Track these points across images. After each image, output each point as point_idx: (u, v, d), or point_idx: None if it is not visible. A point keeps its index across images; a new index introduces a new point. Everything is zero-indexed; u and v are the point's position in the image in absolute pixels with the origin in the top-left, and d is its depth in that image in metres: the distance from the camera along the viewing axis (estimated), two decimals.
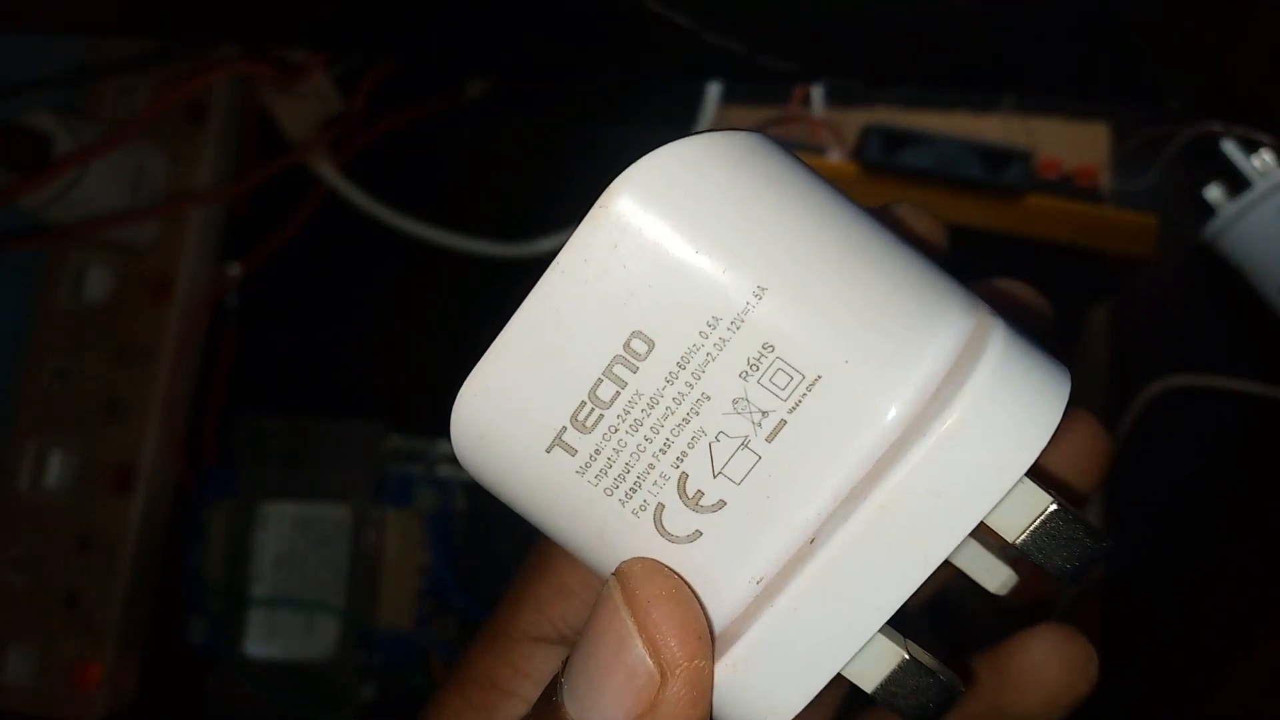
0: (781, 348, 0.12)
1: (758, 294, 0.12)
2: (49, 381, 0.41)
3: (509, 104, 0.45)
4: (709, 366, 0.12)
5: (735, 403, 0.12)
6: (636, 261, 0.12)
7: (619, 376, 0.13)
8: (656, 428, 0.13)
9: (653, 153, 0.12)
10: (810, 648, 0.12)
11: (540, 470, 0.13)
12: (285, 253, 0.44)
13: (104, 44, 0.43)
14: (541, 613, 0.16)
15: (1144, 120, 0.40)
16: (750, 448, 0.13)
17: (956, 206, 0.34)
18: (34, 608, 0.39)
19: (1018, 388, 0.12)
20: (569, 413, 0.13)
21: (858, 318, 0.12)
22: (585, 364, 0.13)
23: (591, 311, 0.13)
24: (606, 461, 0.13)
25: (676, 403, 0.13)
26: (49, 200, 0.37)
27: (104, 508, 0.39)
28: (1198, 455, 0.40)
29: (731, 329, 0.12)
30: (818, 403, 0.12)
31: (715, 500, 0.13)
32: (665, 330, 0.12)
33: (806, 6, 0.27)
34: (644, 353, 0.12)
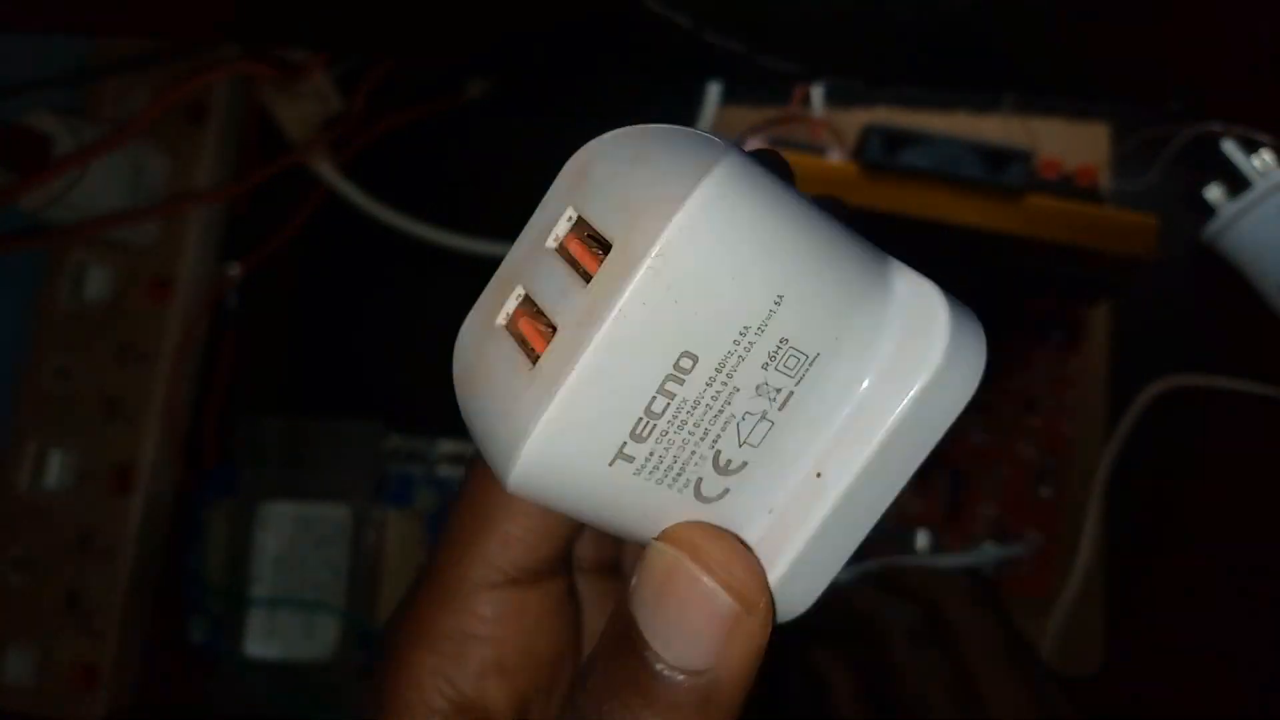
0: (794, 339, 0.15)
1: (777, 302, 0.14)
2: (49, 381, 0.41)
3: (509, 104, 0.45)
4: (740, 366, 0.14)
5: (758, 388, 0.15)
6: (687, 299, 0.14)
7: (669, 391, 0.14)
8: (698, 423, 0.15)
9: (694, 204, 0.13)
10: (830, 552, 0.16)
11: (603, 482, 0.15)
12: (285, 253, 0.44)
13: (104, 44, 0.43)
14: (491, 564, 0.18)
15: (1144, 120, 0.40)
16: (767, 418, 0.15)
17: (956, 206, 0.34)
18: (34, 608, 0.39)
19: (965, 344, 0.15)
20: (628, 430, 0.14)
21: (843, 303, 0.15)
22: (642, 388, 0.14)
23: (648, 346, 0.14)
24: (658, 460, 0.15)
25: (714, 399, 0.15)
26: (49, 200, 0.37)
27: (104, 508, 0.39)
28: (1198, 455, 0.40)
29: (758, 333, 0.14)
30: (818, 372, 0.15)
31: (740, 463, 0.15)
32: (707, 346, 0.14)
33: (807, 6, 0.27)
34: (690, 367, 0.14)
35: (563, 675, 0.19)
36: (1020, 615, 0.38)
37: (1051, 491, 0.39)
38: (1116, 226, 0.34)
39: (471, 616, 0.18)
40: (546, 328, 0.15)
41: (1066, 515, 0.39)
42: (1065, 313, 0.39)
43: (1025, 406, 0.40)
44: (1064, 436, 0.39)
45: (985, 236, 0.35)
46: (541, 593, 0.19)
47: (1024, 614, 0.38)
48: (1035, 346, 0.40)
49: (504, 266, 0.17)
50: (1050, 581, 0.39)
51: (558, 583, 0.19)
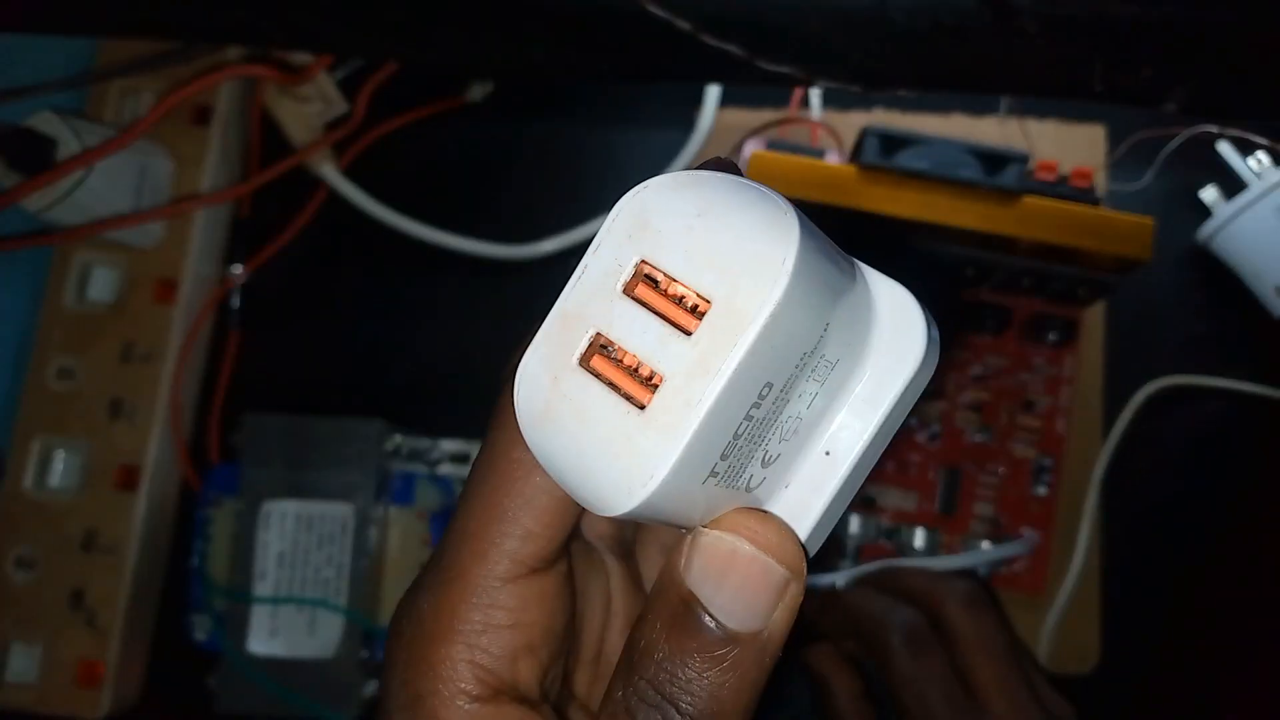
0: (829, 353, 0.17)
1: (826, 329, 0.16)
2: (54, 381, 0.41)
3: (510, 107, 0.45)
4: (796, 384, 0.17)
5: (800, 396, 0.17)
6: (780, 346, 0.16)
7: (751, 416, 0.16)
8: (762, 434, 0.17)
9: (788, 269, 0.15)
10: (835, 511, 0.18)
11: (693, 496, 0.17)
12: (288, 253, 0.44)
13: (108, 46, 0.43)
14: (514, 559, 0.19)
15: (1140, 122, 0.40)
16: (800, 417, 0.17)
17: (953, 208, 0.35)
18: (38, 606, 0.39)
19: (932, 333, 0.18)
20: (720, 453, 0.16)
21: (853, 315, 0.17)
22: (735, 420, 0.16)
23: (746, 388, 0.16)
24: (731, 469, 0.17)
25: (775, 414, 0.17)
26: (54, 201, 0.37)
27: (108, 506, 0.40)
28: (1193, 455, 0.41)
29: (811, 356, 0.16)
30: (837, 374, 0.17)
31: (777, 456, 0.18)
32: (780, 374, 0.16)
33: (807, 9, 0.27)
34: (767, 393, 0.16)
35: (569, 641, 0.21)
36: (1017, 613, 0.38)
37: (1048, 490, 0.39)
38: (1113, 228, 0.35)
39: (498, 610, 0.19)
40: (638, 372, 0.16)
41: (1063, 514, 0.39)
42: (1061, 313, 0.40)
43: (1022, 406, 0.40)
44: (1060, 436, 0.40)
45: (982, 238, 0.35)
46: (555, 574, 0.20)
47: (1020, 612, 0.39)
48: (1032, 347, 0.40)
49: (567, 306, 0.17)
50: (1047, 580, 0.39)
51: (564, 561, 0.21)
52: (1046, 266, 0.37)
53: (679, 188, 0.17)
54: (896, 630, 0.33)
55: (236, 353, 0.43)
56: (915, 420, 0.40)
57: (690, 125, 0.43)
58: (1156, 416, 0.40)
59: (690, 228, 0.16)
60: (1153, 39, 0.27)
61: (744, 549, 0.17)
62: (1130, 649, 0.39)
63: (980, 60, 0.28)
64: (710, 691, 0.17)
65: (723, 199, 0.16)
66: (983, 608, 0.34)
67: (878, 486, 0.40)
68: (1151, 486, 0.40)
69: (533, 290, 0.43)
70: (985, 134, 0.42)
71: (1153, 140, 0.40)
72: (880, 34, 0.27)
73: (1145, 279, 0.41)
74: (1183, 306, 0.42)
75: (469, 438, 0.42)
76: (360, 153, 0.44)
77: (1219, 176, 0.41)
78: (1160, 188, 0.42)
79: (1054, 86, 0.30)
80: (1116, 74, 0.28)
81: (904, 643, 0.32)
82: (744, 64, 0.28)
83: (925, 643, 0.33)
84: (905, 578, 0.35)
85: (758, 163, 0.35)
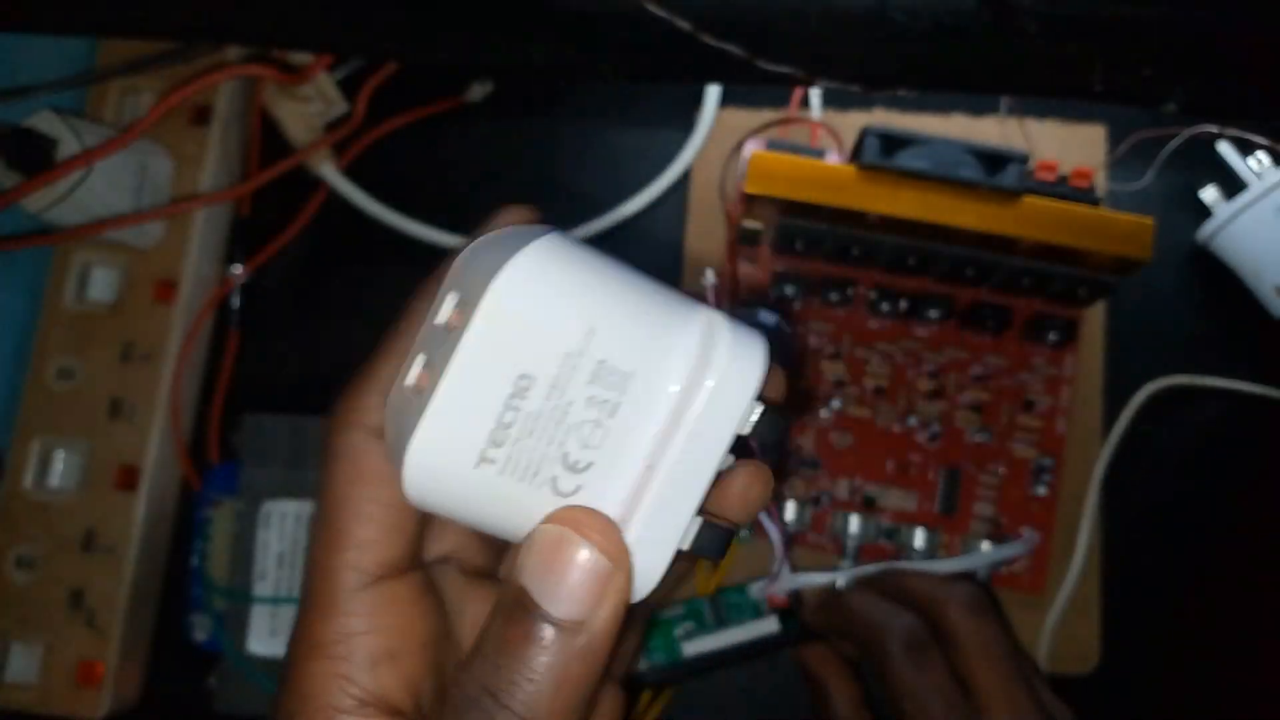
0: (610, 360, 0.19)
1: (591, 332, 0.19)
2: (54, 381, 0.41)
3: (510, 107, 0.45)
4: (569, 383, 0.19)
5: (588, 400, 0.19)
6: (513, 336, 0.18)
7: (515, 405, 0.19)
8: (544, 430, 0.19)
9: (510, 267, 0.18)
10: (665, 528, 0.20)
11: (474, 483, 0.19)
12: (288, 253, 0.44)
13: (108, 46, 0.43)
14: (355, 569, 0.21)
15: (1140, 122, 0.40)
16: (602, 425, 0.19)
17: (953, 208, 0.35)
18: (38, 606, 0.39)
19: (743, 355, 0.20)
20: (486, 437, 0.19)
21: (647, 334, 0.19)
22: (492, 405, 0.18)
23: (490, 371, 0.18)
24: (515, 462, 0.19)
25: (554, 410, 0.19)
26: (53, 201, 0.37)
27: (108, 506, 0.40)
28: (1193, 455, 0.41)
29: (579, 356, 0.19)
30: (638, 385, 0.19)
31: (586, 463, 0.19)
32: (539, 368, 0.19)
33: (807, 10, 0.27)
34: (528, 386, 0.19)
35: (440, 656, 0.22)
36: (1016, 613, 0.38)
37: (1048, 490, 0.39)
38: (1113, 228, 0.35)
39: (350, 618, 0.20)
40: (426, 368, 0.19)
41: (1063, 514, 0.39)
42: (1062, 313, 0.40)
43: (1022, 406, 0.40)
44: (1060, 436, 0.40)
45: (982, 238, 0.35)
46: (405, 583, 0.21)
47: (1020, 612, 0.39)
48: (1032, 347, 0.40)
49: (414, 346, 0.21)
50: (1046, 580, 0.39)
51: (417, 574, 0.22)
52: (1046, 266, 0.37)
53: (485, 240, 0.21)
54: (896, 637, 0.33)
55: (236, 353, 0.43)
56: (915, 420, 0.40)
57: (690, 125, 0.43)
58: (1157, 416, 0.40)
59: (471, 263, 0.20)
60: (1153, 39, 0.27)
61: (570, 537, 0.19)
62: (1130, 649, 0.39)
63: (980, 60, 0.28)
64: (535, 684, 0.18)
65: (503, 239, 0.20)
66: (985, 613, 0.33)
67: (878, 486, 0.40)
68: (1152, 486, 0.40)
69: None
70: (985, 134, 0.42)
71: (1153, 140, 0.40)
72: (880, 34, 0.27)
73: (1145, 279, 0.41)
74: (1183, 306, 0.42)
75: None
76: (360, 153, 0.44)
77: (1219, 176, 0.41)
78: (1160, 188, 0.42)
79: (1054, 86, 0.30)
80: (1116, 74, 0.28)
81: (903, 650, 0.32)
82: (744, 64, 0.28)
83: (925, 650, 0.33)
84: (906, 581, 0.35)
85: (758, 163, 0.35)
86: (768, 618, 0.38)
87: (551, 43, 0.29)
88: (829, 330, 0.41)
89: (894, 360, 0.40)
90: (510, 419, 0.18)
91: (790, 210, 0.36)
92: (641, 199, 0.43)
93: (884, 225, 0.36)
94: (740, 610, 0.38)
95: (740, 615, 0.38)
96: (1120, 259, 0.35)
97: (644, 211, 0.43)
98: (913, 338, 0.40)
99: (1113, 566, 0.39)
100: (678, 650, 0.37)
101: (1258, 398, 0.40)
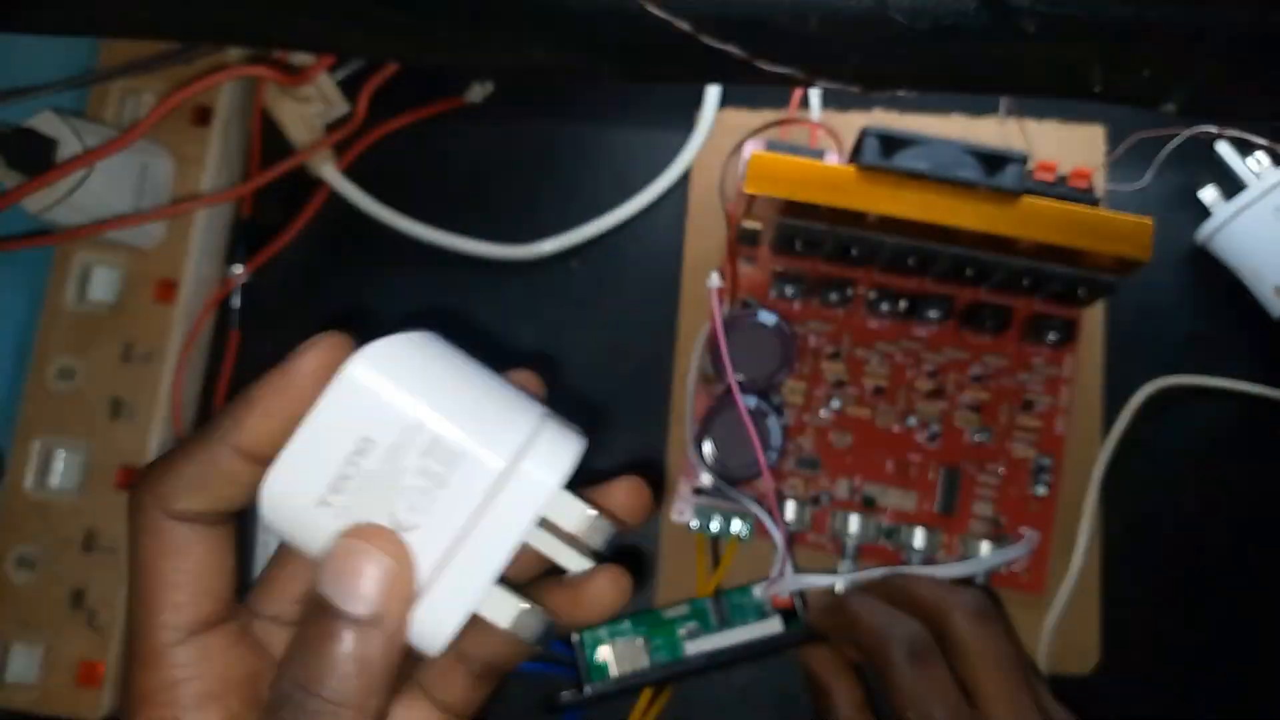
0: (443, 440, 0.22)
1: (430, 413, 0.22)
2: (54, 381, 0.41)
3: (510, 107, 0.45)
4: (405, 454, 0.22)
5: (420, 470, 0.22)
6: (366, 406, 0.22)
7: (355, 462, 0.22)
8: (378, 489, 0.22)
9: (368, 347, 0.23)
10: (461, 593, 0.22)
11: (311, 517, 0.22)
12: (289, 254, 0.44)
13: (109, 47, 0.44)
14: (170, 627, 0.23)
15: (1139, 122, 0.40)
16: (430, 494, 0.22)
17: (952, 209, 0.35)
18: (39, 606, 0.39)
19: (556, 451, 0.23)
20: (327, 484, 0.22)
21: (479, 423, 0.23)
22: (336, 458, 0.22)
23: (340, 432, 0.22)
24: (350, 509, 0.22)
25: (388, 473, 0.22)
26: (54, 201, 0.38)
27: (109, 507, 0.40)
28: (1192, 455, 0.41)
29: (415, 432, 0.22)
30: (464, 466, 0.22)
31: (413, 524, 0.22)
32: (380, 436, 0.22)
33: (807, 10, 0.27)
34: (368, 449, 0.22)
35: (262, 690, 0.24)
36: (1016, 613, 0.38)
37: (1047, 490, 0.40)
38: (1112, 228, 0.35)
39: (171, 669, 0.23)
40: None
41: (1062, 514, 0.40)
42: (1061, 313, 0.40)
43: (1021, 406, 0.40)
44: (1059, 436, 0.40)
45: (981, 238, 0.36)
46: (220, 634, 0.24)
47: (1020, 612, 0.39)
48: (1031, 347, 0.40)
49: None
50: (1046, 580, 0.39)
51: (232, 625, 0.24)
52: (1046, 267, 0.37)
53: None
54: (900, 643, 0.32)
55: (237, 352, 0.43)
56: (915, 420, 0.40)
57: (690, 126, 0.43)
58: (1156, 416, 0.40)
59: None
60: (1152, 39, 0.27)
61: (362, 545, 0.22)
62: (1130, 648, 0.39)
63: (979, 61, 0.28)
64: (340, 674, 0.21)
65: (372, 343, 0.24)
66: (990, 620, 0.33)
67: (877, 486, 0.40)
68: (1151, 486, 0.40)
69: (533, 290, 0.43)
70: (984, 134, 0.42)
71: (1152, 140, 0.40)
72: (880, 35, 0.27)
73: (1144, 279, 0.41)
74: (1182, 307, 0.42)
75: None
76: (361, 153, 0.44)
77: (1218, 177, 0.41)
78: (1159, 188, 0.42)
79: (1053, 87, 0.30)
80: (1116, 74, 0.28)
81: (907, 656, 0.32)
82: (744, 65, 0.28)
83: (929, 656, 0.32)
84: (911, 587, 0.35)
85: (757, 163, 0.35)
86: (771, 618, 0.38)
87: (551, 43, 0.29)
88: (829, 330, 0.41)
89: (893, 360, 0.40)
90: (350, 473, 0.22)
91: (790, 210, 0.37)
92: (641, 199, 0.43)
93: (883, 225, 0.36)
94: (744, 611, 0.38)
95: (744, 616, 0.38)
96: (1119, 259, 0.35)
97: (644, 212, 0.43)
98: (912, 338, 0.41)
99: (1112, 566, 0.39)
100: (680, 649, 0.37)
101: (1257, 398, 0.40)
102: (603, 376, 0.42)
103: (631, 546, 0.41)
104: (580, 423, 0.43)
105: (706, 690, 0.40)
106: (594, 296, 0.43)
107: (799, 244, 0.39)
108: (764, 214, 0.40)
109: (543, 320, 0.43)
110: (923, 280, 0.40)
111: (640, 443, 0.42)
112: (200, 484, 0.23)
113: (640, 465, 0.41)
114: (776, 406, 0.39)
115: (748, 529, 0.39)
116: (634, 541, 0.41)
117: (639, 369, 0.42)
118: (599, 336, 0.43)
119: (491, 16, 0.28)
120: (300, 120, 0.43)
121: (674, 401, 0.41)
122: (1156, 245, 0.35)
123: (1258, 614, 0.40)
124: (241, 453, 0.23)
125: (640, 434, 0.42)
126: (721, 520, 0.40)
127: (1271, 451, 0.41)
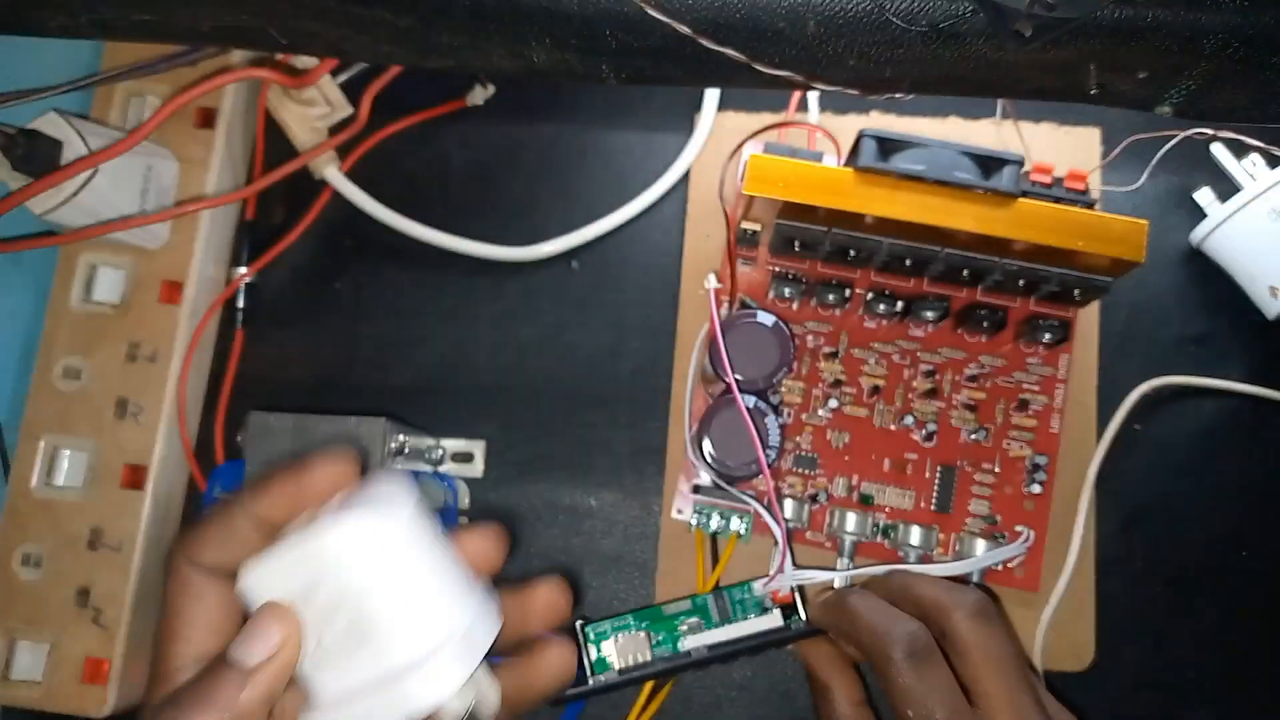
0: (367, 617, 0.26)
1: (365, 593, 0.27)
2: (60, 381, 0.41)
3: (511, 110, 0.46)
4: (338, 608, 0.26)
5: (344, 630, 0.26)
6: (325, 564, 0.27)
7: (304, 594, 0.27)
8: (314, 619, 0.27)
9: (351, 523, 0.27)
10: None
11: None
12: (292, 254, 0.44)
13: (114, 49, 0.44)
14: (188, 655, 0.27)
15: (1135, 125, 0.41)
16: (343, 650, 0.27)
17: (949, 211, 0.35)
18: (44, 604, 0.39)
19: (448, 668, 0.27)
20: (285, 592, 0.27)
21: (410, 614, 0.27)
22: (293, 584, 0.27)
23: (301, 567, 0.27)
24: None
25: (323, 617, 0.27)
26: (60, 203, 0.38)
27: (114, 505, 0.40)
28: (1186, 454, 0.41)
29: (353, 599, 0.26)
30: (374, 646, 0.26)
31: (322, 663, 0.27)
32: (327, 588, 0.27)
33: (805, 14, 0.27)
34: (317, 591, 0.27)
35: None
36: (1011, 611, 0.39)
37: (1042, 489, 0.40)
38: (1107, 230, 0.35)
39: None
40: None
41: (1057, 512, 0.40)
42: (1056, 314, 0.40)
43: (1017, 406, 0.40)
44: (1054, 435, 0.40)
45: (978, 240, 0.36)
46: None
47: (1015, 609, 0.39)
48: (1027, 347, 0.41)
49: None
50: (1041, 577, 0.39)
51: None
52: (1041, 268, 0.37)
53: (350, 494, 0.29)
54: (900, 643, 0.32)
55: (241, 352, 0.44)
56: (912, 419, 0.40)
57: (689, 128, 0.44)
58: (1150, 416, 0.41)
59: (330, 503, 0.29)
60: (1147, 42, 0.27)
61: (264, 618, 0.27)
62: (1125, 646, 0.39)
63: (976, 64, 0.29)
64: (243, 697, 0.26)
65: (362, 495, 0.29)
66: (990, 620, 0.33)
67: (874, 484, 0.40)
68: (1145, 485, 0.41)
69: (533, 291, 0.44)
70: (981, 137, 0.43)
71: (1147, 143, 0.40)
72: (877, 38, 0.28)
73: (1139, 280, 0.42)
74: (1177, 307, 0.42)
75: (471, 436, 0.42)
76: (363, 155, 0.45)
77: (1213, 178, 0.41)
78: (1154, 190, 0.42)
79: (1049, 90, 0.30)
80: (1111, 77, 0.29)
81: (907, 656, 0.32)
82: (742, 68, 0.29)
83: (928, 656, 0.32)
84: (912, 586, 0.35)
85: (756, 165, 0.36)
86: (772, 613, 0.38)
87: (552, 46, 0.29)
88: (826, 330, 0.41)
89: (891, 360, 0.41)
90: (301, 597, 0.27)
91: (788, 212, 0.37)
92: (641, 201, 0.43)
93: (881, 227, 0.36)
94: (744, 606, 0.38)
95: (744, 611, 0.38)
96: (1115, 260, 0.35)
97: (644, 213, 0.43)
98: (909, 338, 0.41)
99: (1106, 564, 0.40)
100: (680, 643, 0.38)
101: (1250, 398, 0.41)
102: (603, 376, 0.43)
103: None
104: (581, 422, 0.43)
105: (707, 684, 0.40)
106: (594, 297, 0.43)
107: (797, 245, 0.39)
108: (762, 215, 0.40)
109: (543, 320, 0.44)
110: (920, 281, 0.41)
111: (640, 442, 0.42)
112: (219, 542, 0.28)
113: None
114: (775, 406, 0.39)
115: (746, 526, 0.40)
116: (634, 541, 0.42)
117: (638, 369, 0.43)
118: (599, 336, 0.43)
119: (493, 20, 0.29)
120: (303, 122, 0.44)
121: (673, 401, 0.42)
122: (1151, 246, 0.35)
123: (1251, 612, 0.40)
124: (254, 522, 0.28)
125: (640, 433, 0.42)
126: (720, 518, 0.40)
127: (1265, 450, 0.41)
